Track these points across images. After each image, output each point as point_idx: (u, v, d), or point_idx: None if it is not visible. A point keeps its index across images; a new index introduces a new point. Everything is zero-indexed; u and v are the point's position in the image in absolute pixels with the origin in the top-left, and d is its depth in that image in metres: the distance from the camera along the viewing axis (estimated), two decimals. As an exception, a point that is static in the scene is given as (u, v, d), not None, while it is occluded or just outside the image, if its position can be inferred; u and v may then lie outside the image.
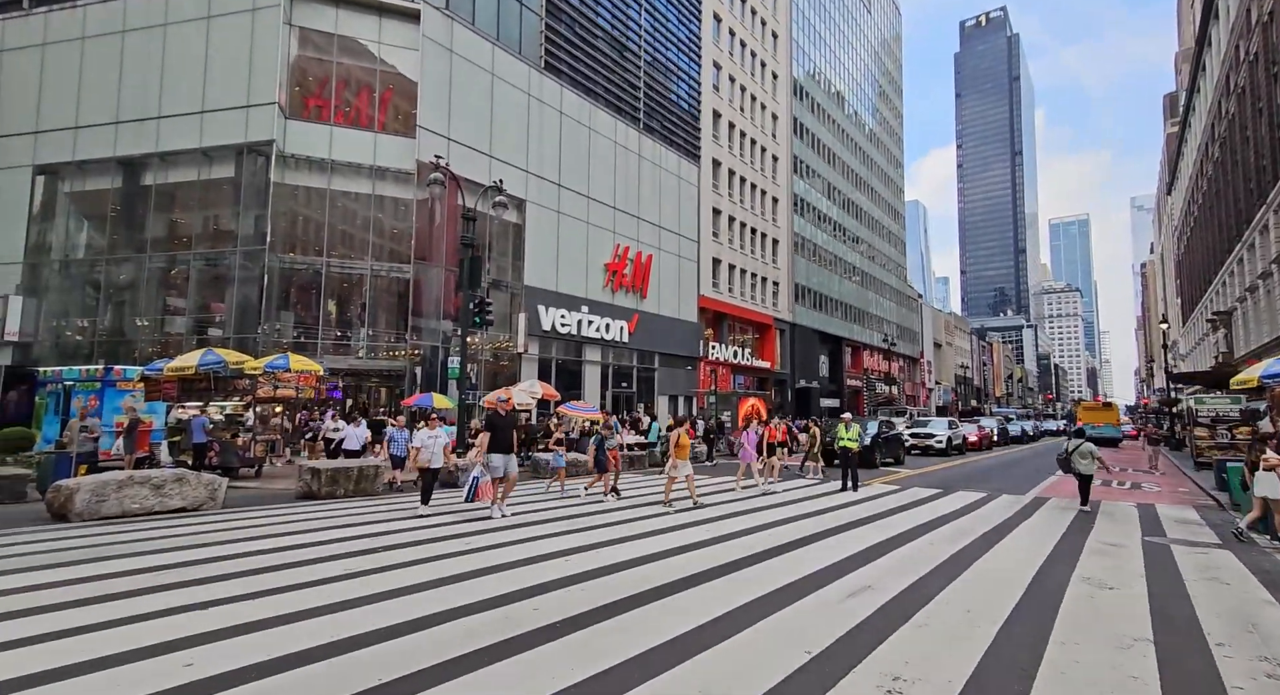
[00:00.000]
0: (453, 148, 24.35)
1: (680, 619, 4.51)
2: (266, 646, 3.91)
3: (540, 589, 5.27)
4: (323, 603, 4.83)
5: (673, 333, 35.77)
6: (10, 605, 4.72)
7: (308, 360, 15.19)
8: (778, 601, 4.99)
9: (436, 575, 5.70)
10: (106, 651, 3.83)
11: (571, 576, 5.66)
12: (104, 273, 24.19)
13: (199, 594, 5.08)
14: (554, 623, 4.41)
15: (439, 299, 23.96)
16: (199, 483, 9.60)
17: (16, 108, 24.09)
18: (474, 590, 5.22)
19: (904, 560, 6.55)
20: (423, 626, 4.31)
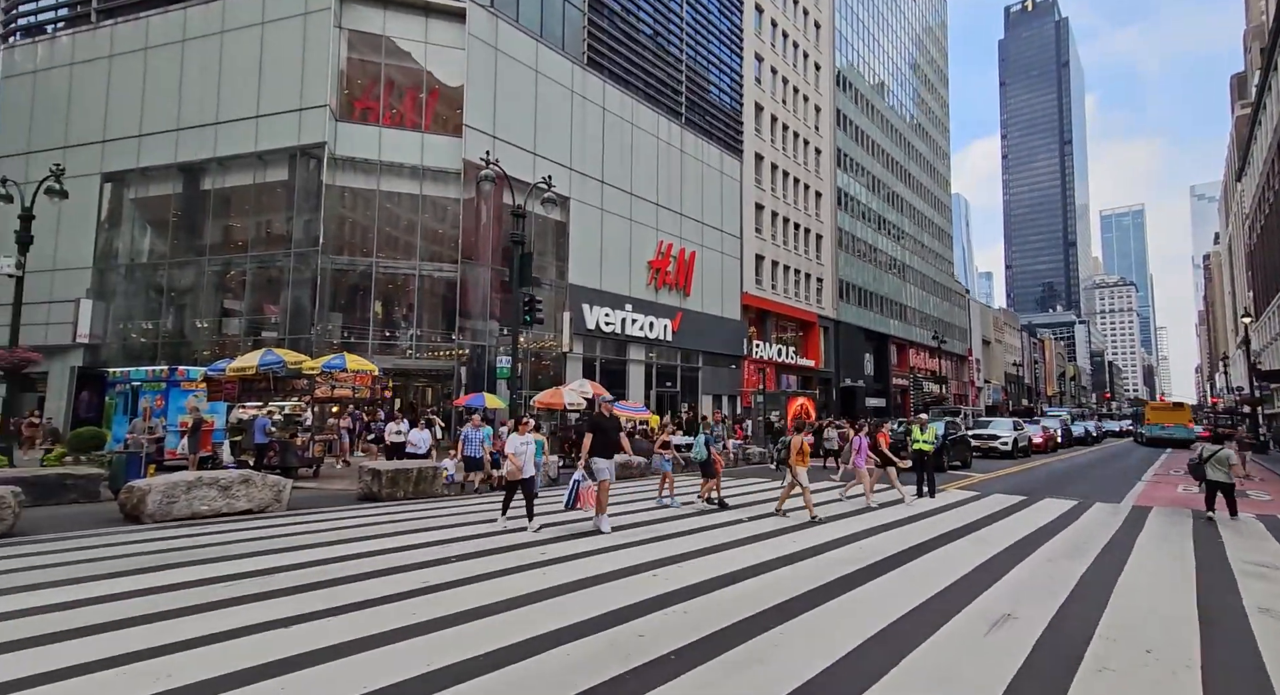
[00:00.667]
0: (498, 146, 24.21)
1: (806, 652, 3.99)
2: (356, 676, 3.56)
3: (647, 608, 4.82)
4: (404, 622, 4.48)
5: (716, 331, 35.10)
6: (98, 616, 4.52)
7: (363, 360, 15.18)
8: (911, 632, 4.42)
9: (540, 586, 5.32)
10: (199, 676, 3.53)
11: (675, 593, 5.20)
12: (166, 276, 24.93)
13: (282, 608, 4.80)
14: (666, 654, 3.94)
15: (485, 298, 23.90)
16: (264, 484, 9.52)
17: (86, 118, 25.02)
18: (576, 608, 4.80)
19: (1030, 581, 5.88)
20: (520, 655, 3.91)
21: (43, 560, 6.29)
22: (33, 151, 24.83)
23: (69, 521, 8.56)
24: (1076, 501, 11.88)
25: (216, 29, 23.33)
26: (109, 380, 16.79)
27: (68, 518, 8.91)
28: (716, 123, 36.59)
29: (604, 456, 8.31)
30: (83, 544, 7.13)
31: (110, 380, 16.80)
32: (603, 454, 8.30)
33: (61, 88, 25.65)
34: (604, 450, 8.31)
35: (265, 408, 15.19)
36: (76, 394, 16.07)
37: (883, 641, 4.20)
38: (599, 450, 8.30)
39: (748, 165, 38.87)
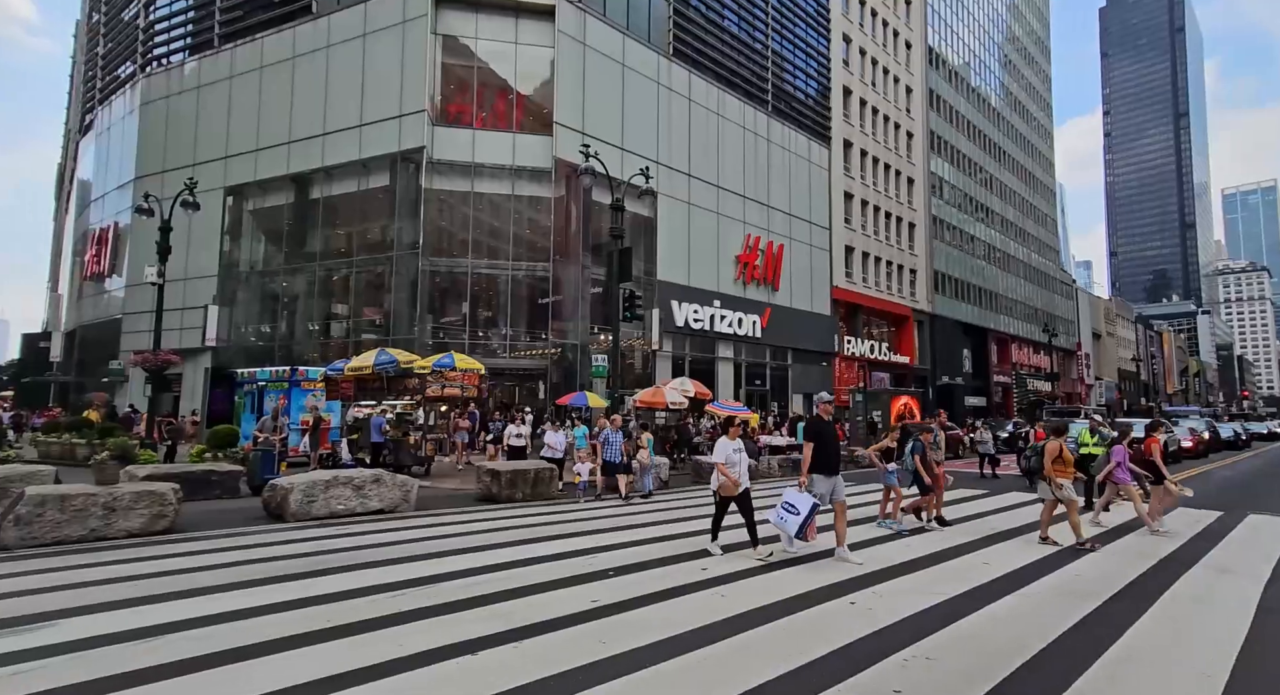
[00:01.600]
0: (582, 145, 23.99)
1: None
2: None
3: (889, 647, 4.03)
4: (598, 653, 3.94)
5: (806, 326, 33.57)
6: (290, 625, 4.24)
7: (471, 360, 15.20)
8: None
9: (728, 610, 4.65)
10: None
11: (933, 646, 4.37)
12: (279, 282, 26.43)
13: (462, 627, 4.39)
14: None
15: (576, 296, 23.72)
16: (394, 484, 9.43)
17: (211, 137, 26.91)
18: (802, 641, 4.09)
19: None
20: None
21: (211, 560, 6.27)
22: (167, 170, 26.96)
23: (220, 518, 8.74)
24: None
25: (323, 44, 24.42)
26: (237, 380, 17.75)
27: (218, 514, 9.12)
28: (804, 109, 35.01)
29: (828, 472, 6.68)
30: (240, 542, 7.14)
31: (239, 380, 17.76)
32: (826, 469, 6.67)
33: (189, 110, 27.73)
34: (828, 464, 6.70)
35: (379, 407, 15.49)
36: (210, 393, 17.03)
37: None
38: (822, 464, 6.65)
39: (836, 152, 36.98)
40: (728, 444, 6.78)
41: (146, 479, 9.99)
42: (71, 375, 34.58)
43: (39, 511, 6.67)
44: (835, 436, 6.92)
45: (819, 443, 6.67)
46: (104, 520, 7.04)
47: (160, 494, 7.46)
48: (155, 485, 7.59)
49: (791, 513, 6.36)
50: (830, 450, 6.70)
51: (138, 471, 10.31)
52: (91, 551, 6.52)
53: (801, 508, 6.31)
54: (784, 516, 6.42)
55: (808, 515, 6.28)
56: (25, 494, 6.70)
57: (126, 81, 31.21)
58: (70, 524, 6.84)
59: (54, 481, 9.35)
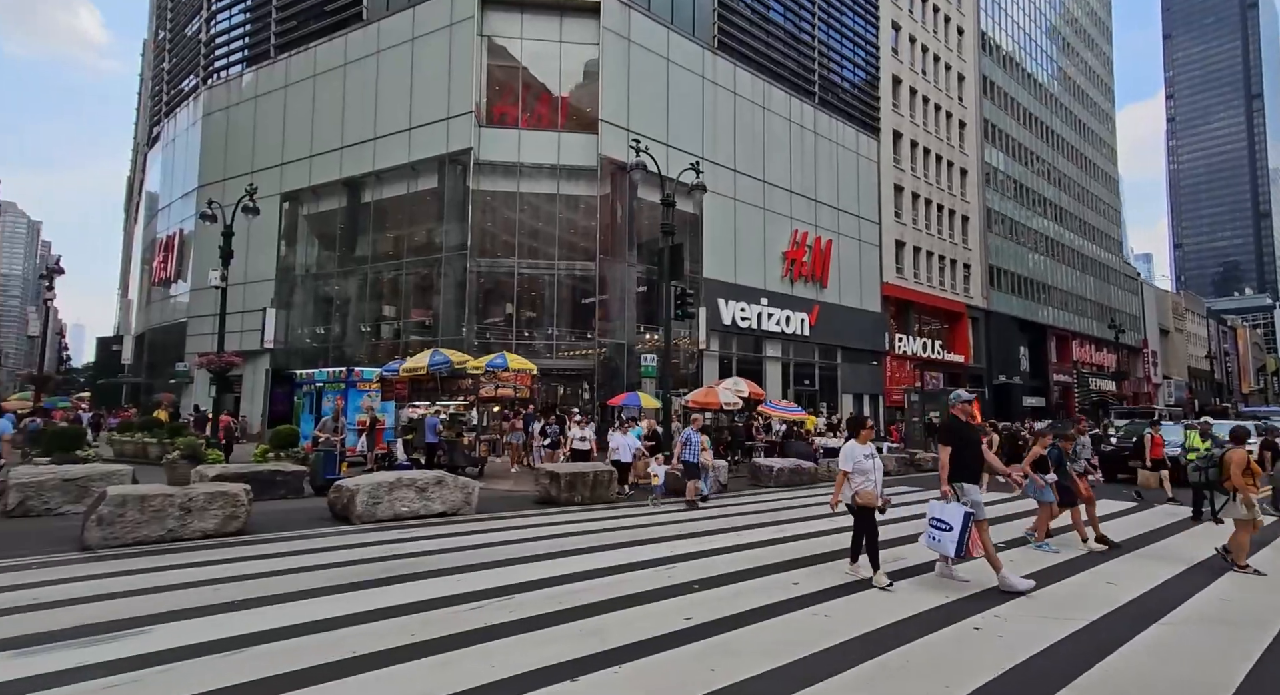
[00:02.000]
0: (631, 139, 23.73)
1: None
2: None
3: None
4: (709, 684, 3.55)
5: (855, 324, 32.53)
6: (378, 638, 4.04)
7: (523, 360, 15.10)
8: None
9: (827, 635, 4.24)
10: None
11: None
12: (332, 285, 27.05)
13: (550, 647, 4.12)
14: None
15: (622, 295, 23.47)
16: (456, 486, 9.30)
17: (267, 145, 27.77)
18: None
19: None
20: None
21: (286, 564, 6.18)
22: (228, 178, 27.93)
23: (288, 518, 8.75)
24: None
25: (372, 50, 24.85)
26: (296, 381, 18.13)
27: (285, 514, 9.15)
28: (851, 100, 33.94)
29: (974, 479, 5.75)
30: (311, 545, 7.07)
31: (297, 381, 18.14)
32: (972, 477, 5.74)
33: (247, 120, 28.69)
34: (970, 470, 5.74)
35: (433, 407, 15.53)
36: (271, 394, 17.45)
37: None
38: (965, 471, 5.70)
39: (885, 144, 35.75)
40: (857, 449, 5.83)
41: (217, 479, 10.14)
42: (141, 377, 36.31)
43: (120, 512, 6.73)
44: (978, 441, 6.00)
45: (959, 447, 5.75)
46: (180, 521, 7.07)
47: (233, 495, 7.47)
48: (228, 486, 7.61)
49: (942, 529, 5.45)
50: (972, 455, 5.80)
51: (207, 471, 10.50)
52: (170, 553, 6.53)
53: (952, 521, 5.40)
54: (935, 536, 5.53)
55: (963, 529, 5.35)
56: (107, 494, 6.78)
57: (189, 94, 32.55)
58: (149, 524, 6.88)
59: (131, 481, 9.57)
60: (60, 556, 6.27)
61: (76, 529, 7.33)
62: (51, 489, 8.74)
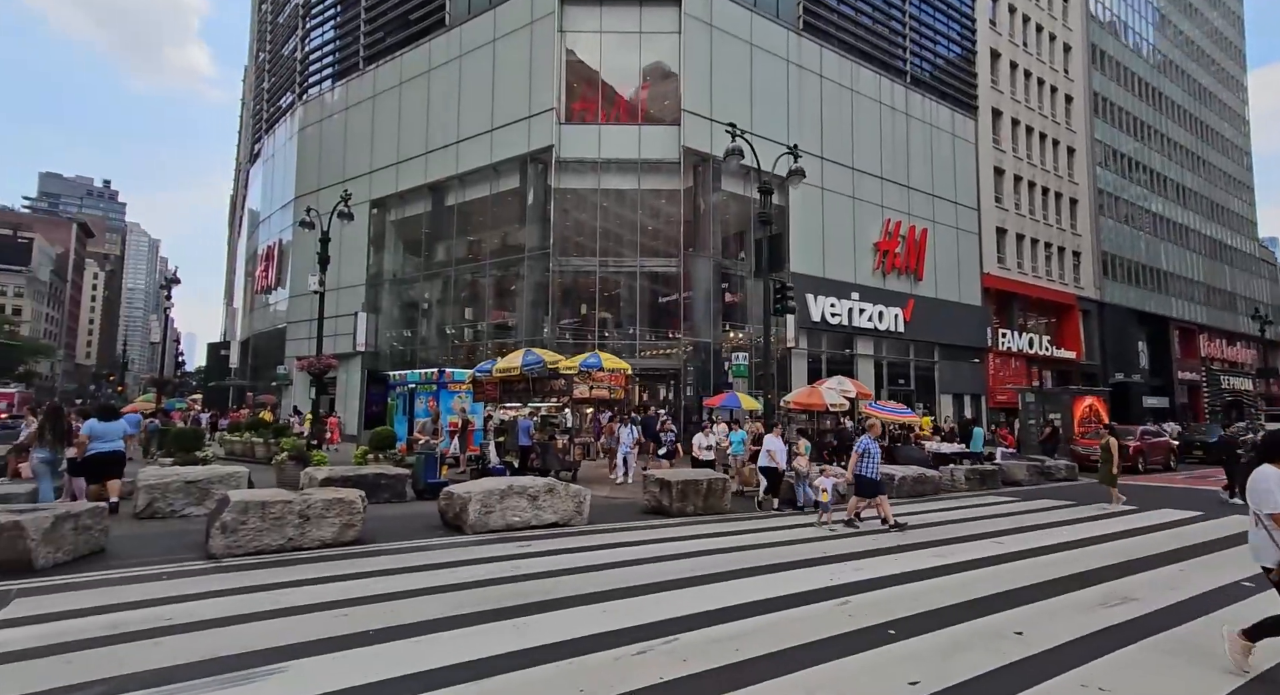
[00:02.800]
0: (715, 129, 22.76)
1: None
2: None
3: None
4: None
5: (953, 319, 30.12)
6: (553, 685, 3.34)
7: (618, 360, 14.50)
8: None
9: None
10: None
11: None
12: (418, 289, 27.63)
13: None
14: None
15: (708, 291, 22.54)
16: (567, 495, 8.70)
17: (357, 154, 28.74)
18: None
19: None
20: None
21: (412, 581, 5.70)
22: (321, 188, 29.14)
23: (399, 526, 8.42)
24: None
25: (455, 54, 25.13)
26: (390, 383, 18.35)
27: (394, 520, 8.85)
28: (946, 78, 31.51)
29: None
30: (432, 559, 6.61)
31: (391, 383, 18.35)
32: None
33: (339, 131, 29.83)
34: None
35: (525, 408, 15.19)
36: (366, 396, 17.73)
37: None
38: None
39: (983, 124, 32.99)
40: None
41: (326, 482, 10.04)
42: (247, 380, 38.72)
43: (242, 519, 6.49)
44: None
45: None
46: (299, 529, 6.78)
47: (349, 502, 7.14)
48: (344, 492, 7.30)
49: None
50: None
51: (316, 473, 10.44)
52: (292, 564, 6.21)
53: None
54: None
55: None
56: (230, 501, 6.56)
57: (286, 111, 34.32)
58: (269, 532, 6.62)
59: (247, 484, 9.57)
60: (187, 566, 6.05)
61: (200, 533, 7.22)
62: (175, 491, 8.80)
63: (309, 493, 7.21)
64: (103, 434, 8.80)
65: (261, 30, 41.09)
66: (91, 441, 8.61)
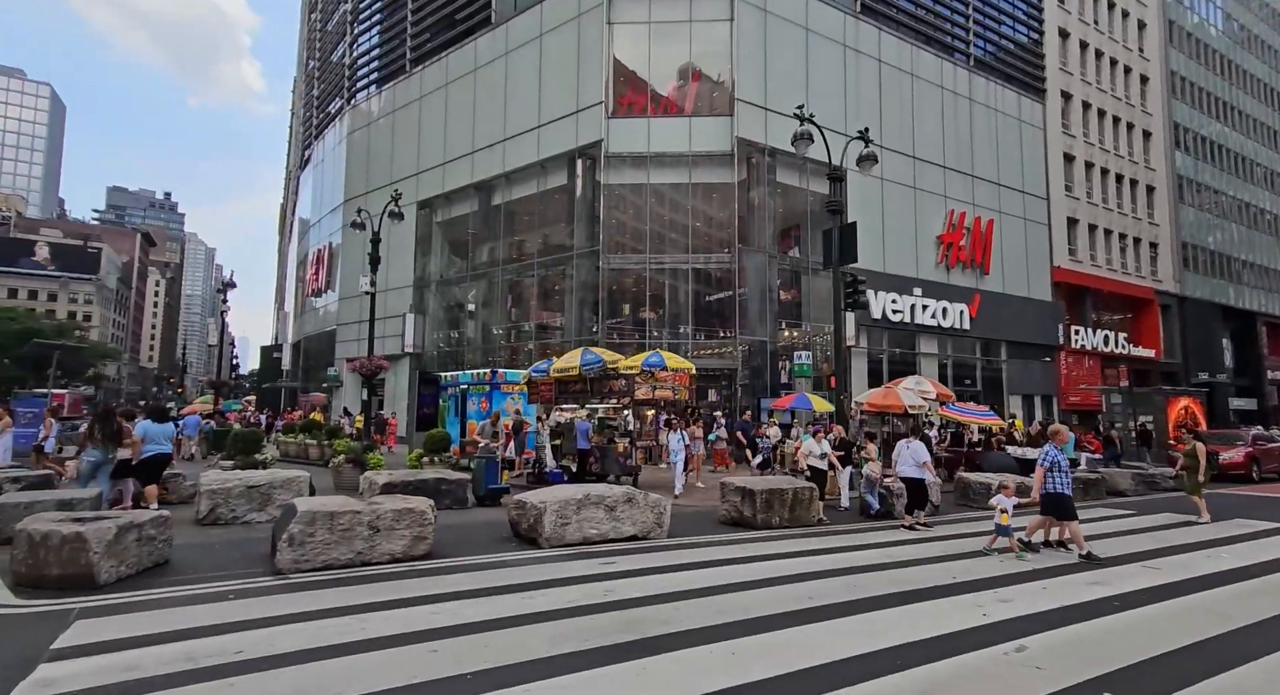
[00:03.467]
0: (770, 118, 21.86)
1: None
2: None
3: None
4: None
5: (1022, 315, 28.33)
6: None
7: (682, 359, 13.75)
8: None
9: None
10: None
11: None
12: (465, 289, 27.47)
13: None
14: None
15: (763, 288, 21.59)
16: (646, 505, 7.98)
17: (404, 156, 28.80)
18: None
19: None
20: None
21: (498, 608, 5.08)
22: (370, 191, 29.32)
23: (467, 537, 7.86)
24: None
25: (501, 52, 24.85)
26: (441, 384, 18.02)
27: (461, 530, 8.30)
28: (1012, 60, 29.74)
29: None
30: (513, 578, 5.97)
31: (442, 384, 18.02)
32: None
33: (386, 134, 29.99)
34: None
35: (582, 410, 14.58)
36: (418, 397, 17.46)
37: None
38: None
39: (1052, 107, 31.02)
40: None
41: (388, 488, 9.58)
42: (298, 381, 39.47)
43: (309, 531, 5.98)
44: None
45: None
46: (369, 542, 6.24)
47: (420, 512, 6.58)
48: (414, 501, 6.74)
49: None
50: None
51: (375, 478, 10.00)
52: (364, 581, 5.66)
53: None
54: None
55: None
56: (297, 511, 6.06)
57: (335, 116, 34.81)
58: (338, 545, 6.10)
59: (309, 489, 9.17)
60: (255, 582, 5.56)
61: (264, 542, 6.80)
62: (238, 497, 8.45)
63: (377, 502, 6.67)
64: (156, 436, 8.59)
65: (311, 39, 41.97)
66: (145, 444, 8.38)
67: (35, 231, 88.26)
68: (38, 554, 5.20)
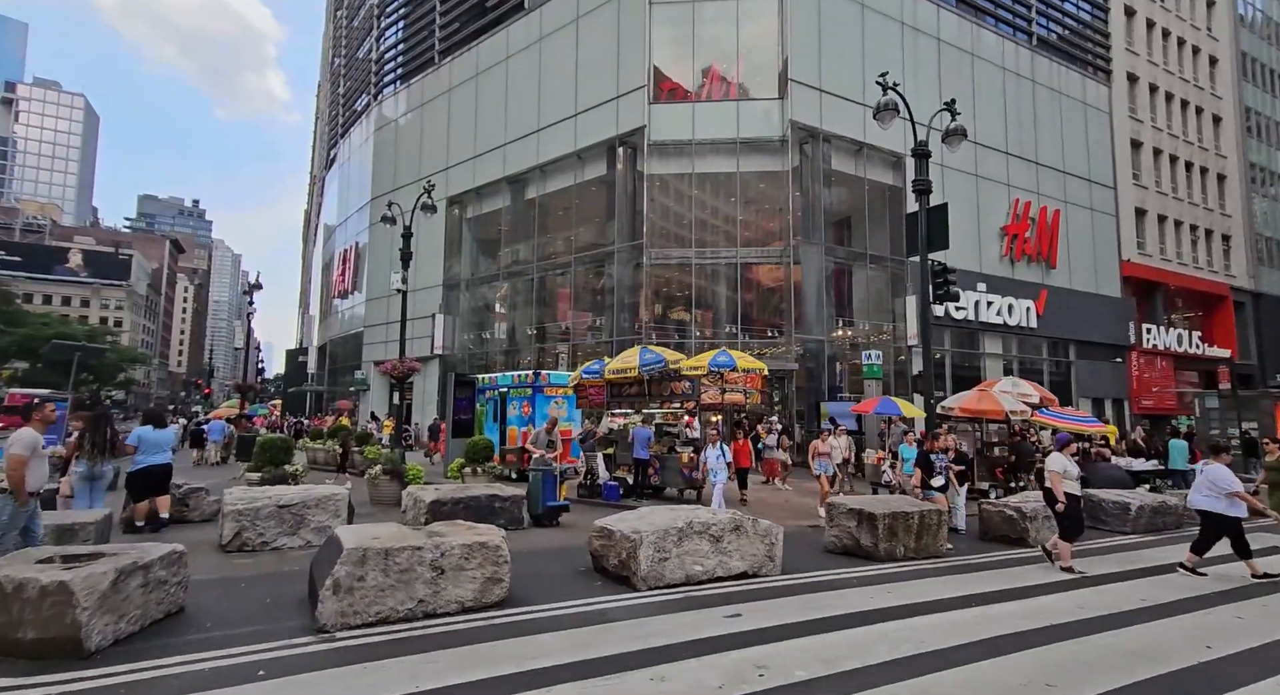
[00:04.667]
0: (823, 100, 20.36)
1: None
2: None
3: None
4: None
5: (1091, 312, 26.32)
6: None
7: (753, 358, 12.31)
8: None
9: None
10: None
11: None
12: (496, 288, 26.30)
13: None
14: None
15: (819, 282, 20.03)
16: (755, 534, 6.55)
17: (432, 152, 27.79)
18: None
19: None
20: None
21: (632, 690, 3.65)
22: (397, 188, 28.36)
23: (542, 574, 6.50)
24: None
25: (535, 38, 23.69)
26: (479, 386, 16.77)
27: (527, 562, 6.91)
28: (1076, 39, 27.82)
29: None
30: (627, 638, 4.61)
31: (480, 386, 16.76)
32: None
33: (414, 129, 29.03)
34: None
35: (637, 416, 13.20)
36: (455, 402, 16.22)
37: None
38: None
39: (1118, 90, 28.98)
40: None
41: (436, 506, 8.29)
42: (325, 385, 38.73)
43: (359, 574, 4.66)
44: None
45: None
46: (432, 586, 4.91)
47: (493, 548, 5.23)
48: (483, 533, 5.40)
49: None
50: None
51: (421, 495, 8.69)
52: (433, 645, 4.32)
53: None
54: None
55: None
56: (343, 546, 4.74)
57: (362, 114, 34.03)
58: (394, 591, 4.77)
59: (348, 510, 7.91)
60: (293, 646, 4.24)
61: (299, 577, 5.57)
62: (266, 518, 7.20)
63: (439, 534, 5.34)
64: (153, 444, 7.46)
65: (336, 37, 41.41)
66: (140, 453, 7.24)
67: (69, 239, 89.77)
68: (11, 610, 3.94)
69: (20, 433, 5.41)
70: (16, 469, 5.13)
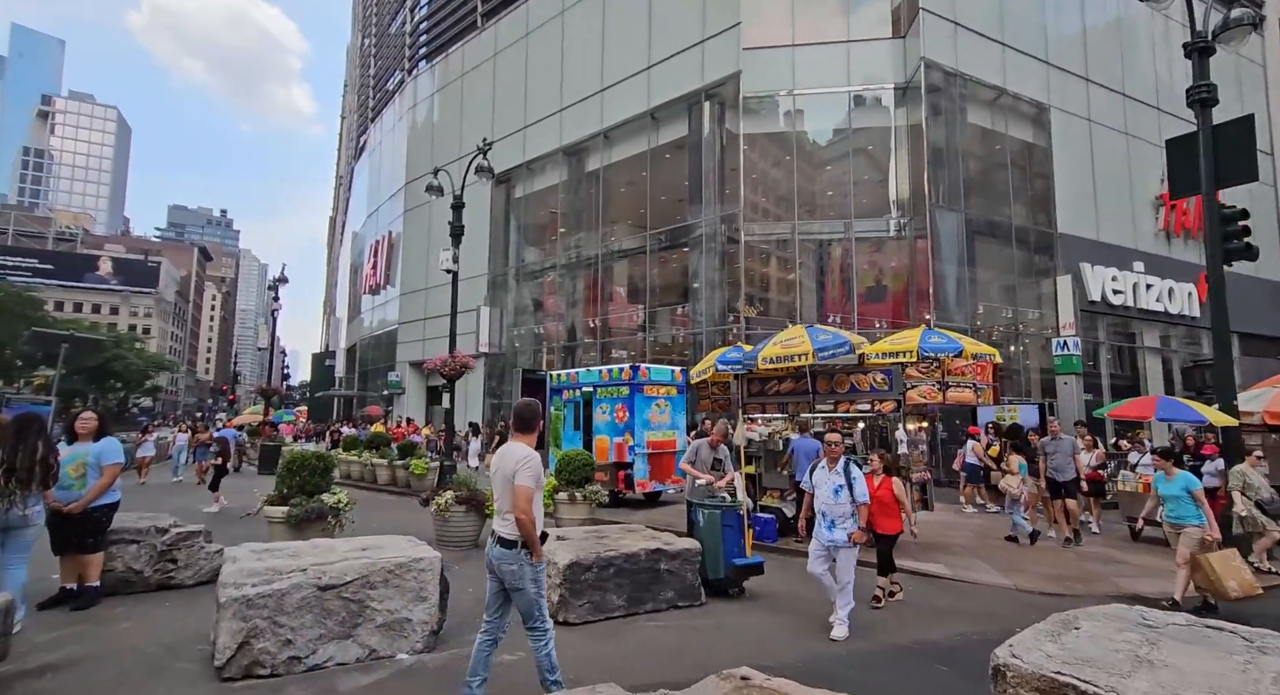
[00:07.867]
0: (959, 34, 16.73)
1: None
2: None
3: None
4: None
5: (1259, 299, 22.10)
6: None
7: (981, 343, 8.74)
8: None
9: None
10: None
11: None
12: (552, 276, 23.01)
13: None
14: None
15: (959, 257, 16.30)
16: None
17: (476, 124, 24.66)
18: None
19: None
20: None
21: None
22: (437, 169, 25.23)
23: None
24: None
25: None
26: (553, 386, 13.35)
27: None
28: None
29: None
30: None
31: (554, 386, 13.35)
32: None
33: (454, 101, 26.00)
34: None
35: (792, 424, 9.62)
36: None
37: None
38: None
39: (1271, 34, 24.79)
40: None
41: (573, 572, 4.82)
42: (354, 389, 35.80)
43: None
44: None
45: None
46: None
47: None
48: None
49: None
50: None
51: (550, 553, 5.19)
52: None
53: None
54: None
55: None
56: None
57: (395, 92, 31.20)
58: None
59: (439, 581, 4.46)
60: None
61: None
62: (296, 610, 3.78)
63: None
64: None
65: (366, 15, 38.88)
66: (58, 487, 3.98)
67: (100, 247, 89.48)
68: None
69: None
70: None
